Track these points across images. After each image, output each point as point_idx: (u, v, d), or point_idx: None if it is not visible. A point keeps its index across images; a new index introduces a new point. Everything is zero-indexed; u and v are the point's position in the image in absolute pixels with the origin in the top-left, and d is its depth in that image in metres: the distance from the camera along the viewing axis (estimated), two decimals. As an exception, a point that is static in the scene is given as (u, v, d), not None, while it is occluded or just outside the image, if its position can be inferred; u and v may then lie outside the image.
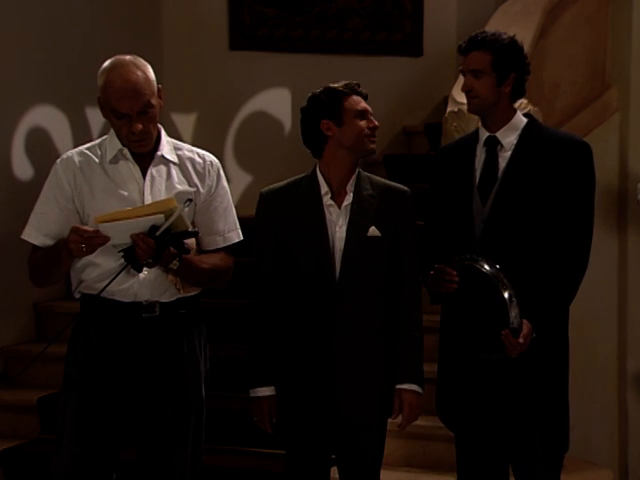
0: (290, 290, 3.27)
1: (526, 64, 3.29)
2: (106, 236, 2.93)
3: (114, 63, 3.07)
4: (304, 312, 3.26)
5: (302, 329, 3.26)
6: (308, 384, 3.25)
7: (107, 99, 3.05)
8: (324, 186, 3.28)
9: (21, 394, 4.84)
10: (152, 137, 3.10)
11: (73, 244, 2.94)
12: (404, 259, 3.29)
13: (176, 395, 3.14)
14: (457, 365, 3.29)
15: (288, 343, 3.28)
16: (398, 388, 3.26)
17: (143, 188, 3.12)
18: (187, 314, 3.18)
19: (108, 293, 3.09)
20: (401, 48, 6.45)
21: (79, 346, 3.16)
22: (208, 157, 3.24)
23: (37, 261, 3.13)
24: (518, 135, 3.26)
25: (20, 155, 5.09)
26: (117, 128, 3.09)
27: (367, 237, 3.24)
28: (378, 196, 3.28)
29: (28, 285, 4.92)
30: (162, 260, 3.00)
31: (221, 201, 3.23)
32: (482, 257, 3.14)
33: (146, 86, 3.04)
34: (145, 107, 3.03)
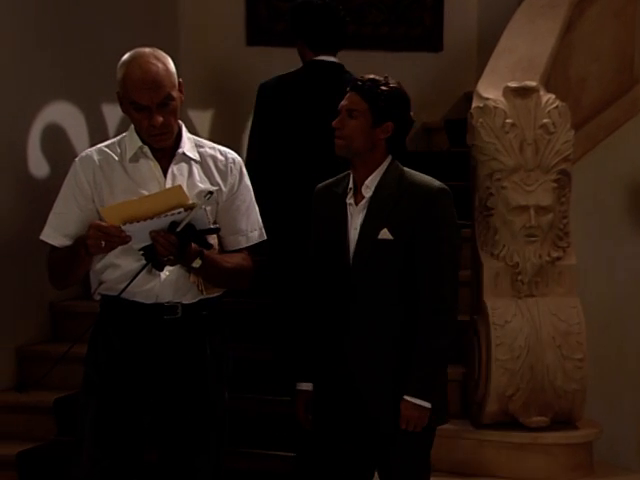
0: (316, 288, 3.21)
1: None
2: (128, 235, 2.85)
3: (133, 55, 3.00)
4: (323, 312, 3.18)
5: (320, 330, 3.18)
6: (332, 386, 3.16)
7: (126, 92, 2.97)
8: (351, 182, 3.19)
9: (37, 395, 4.75)
10: (173, 131, 3.01)
11: (92, 240, 2.87)
12: (422, 264, 3.08)
13: (198, 399, 3.06)
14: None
15: (314, 341, 3.21)
16: (403, 398, 3.11)
17: (164, 187, 3.02)
18: (209, 316, 3.10)
19: (129, 294, 3.01)
20: (420, 43, 6.38)
21: (99, 348, 3.08)
22: (230, 155, 3.15)
23: (55, 262, 3.06)
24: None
25: (36, 153, 5.03)
26: (137, 122, 3.00)
27: (377, 240, 3.10)
28: (399, 195, 3.12)
29: (44, 284, 4.88)
30: (184, 257, 2.91)
31: (243, 200, 3.14)
32: None
33: (166, 78, 2.96)
34: (166, 99, 2.95)
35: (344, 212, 3.16)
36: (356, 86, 3.14)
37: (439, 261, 3.09)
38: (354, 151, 3.14)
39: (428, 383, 3.10)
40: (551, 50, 4.46)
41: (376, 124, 3.11)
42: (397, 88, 3.15)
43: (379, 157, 3.15)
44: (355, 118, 3.12)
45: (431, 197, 3.10)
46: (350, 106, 3.14)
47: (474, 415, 4.24)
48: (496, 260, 4.19)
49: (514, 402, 4.10)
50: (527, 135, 4.14)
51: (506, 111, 4.16)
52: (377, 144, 3.13)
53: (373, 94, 3.10)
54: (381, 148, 3.14)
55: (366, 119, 3.11)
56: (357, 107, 3.12)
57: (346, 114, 3.14)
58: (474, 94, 4.39)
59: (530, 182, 4.13)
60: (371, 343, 3.10)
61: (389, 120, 3.11)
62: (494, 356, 4.09)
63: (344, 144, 3.14)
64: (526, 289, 4.16)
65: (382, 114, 3.10)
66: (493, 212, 4.20)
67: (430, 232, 3.09)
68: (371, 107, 3.10)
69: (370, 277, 3.10)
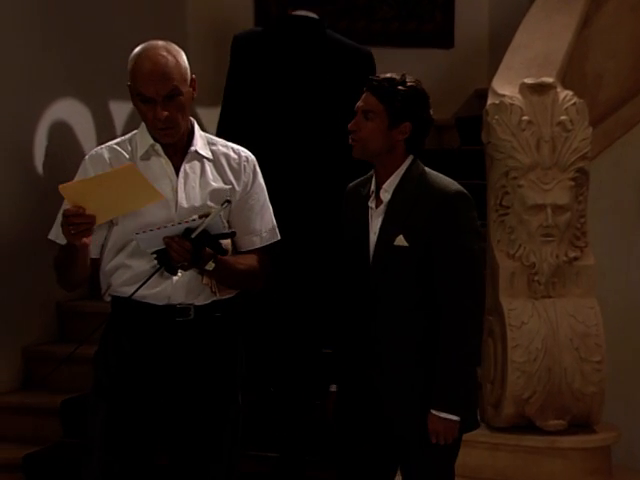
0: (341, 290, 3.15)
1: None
2: (91, 215, 2.76)
3: (144, 47, 2.94)
4: (347, 315, 3.11)
5: (345, 334, 3.11)
6: (355, 388, 3.09)
7: (134, 83, 2.90)
8: (373, 184, 3.10)
9: (44, 397, 4.73)
10: (179, 127, 2.92)
11: (63, 228, 2.79)
12: (441, 275, 2.97)
13: (211, 402, 2.99)
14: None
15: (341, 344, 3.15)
16: (430, 412, 3.01)
17: (176, 185, 2.96)
18: (223, 317, 3.02)
19: (140, 296, 2.94)
20: (431, 39, 6.34)
21: (109, 351, 3.01)
22: (244, 153, 3.07)
23: (56, 262, 2.99)
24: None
25: (42, 151, 4.98)
26: (143, 115, 2.93)
27: (393, 246, 3.00)
28: (416, 199, 3.00)
29: (51, 284, 4.82)
30: (198, 263, 2.85)
31: (257, 199, 3.06)
32: None
33: (175, 71, 2.88)
34: (172, 92, 2.87)
35: (366, 215, 3.07)
36: (372, 86, 3.04)
37: (458, 272, 2.97)
38: (371, 154, 3.05)
39: (454, 396, 2.99)
40: (568, 46, 4.38)
41: (393, 125, 3.01)
42: (414, 87, 3.04)
43: (398, 159, 3.05)
44: (371, 120, 3.02)
45: (447, 202, 2.98)
46: (366, 107, 3.04)
47: (489, 418, 4.16)
48: (512, 260, 4.11)
49: (531, 405, 4.02)
50: (544, 132, 4.06)
51: (522, 108, 4.08)
52: (395, 145, 3.03)
53: (389, 94, 3.00)
54: (400, 149, 3.04)
55: (382, 121, 3.01)
56: (373, 108, 3.02)
57: (362, 116, 3.04)
58: (489, 90, 4.31)
59: (547, 180, 4.05)
60: (394, 347, 3.01)
61: (406, 120, 3.01)
62: (510, 358, 4.01)
63: (360, 147, 3.05)
64: (543, 290, 4.07)
65: (399, 115, 3.00)
66: (509, 211, 4.12)
67: (447, 240, 2.97)
68: (387, 108, 3.00)
69: (389, 282, 3.01)
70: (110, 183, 2.79)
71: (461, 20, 6.35)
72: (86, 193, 2.78)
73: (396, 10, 6.32)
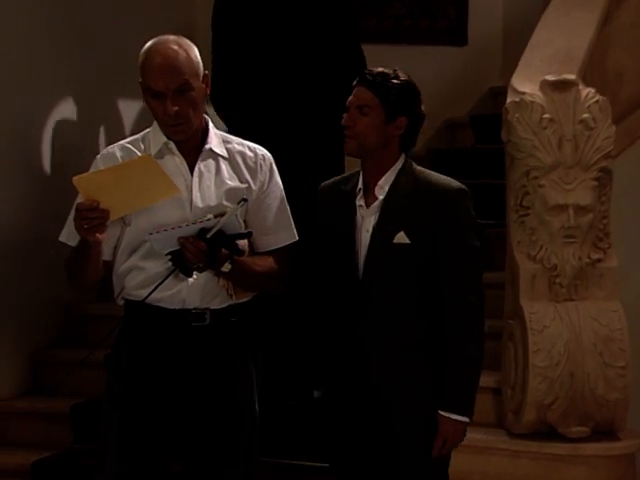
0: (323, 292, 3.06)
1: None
2: (105, 209, 2.67)
3: (155, 41, 2.85)
4: (333, 319, 3.02)
5: (331, 336, 3.03)
6: (344, 392, 3.01)
7: (144, 77, 2.81)
8: (360, 182, 3.01)
9: (53, 402, 4.64)
10: (191, 124, 2.83)
11: (76, 223, 2.69)
12: (445, 271, 2.91)
13: (227, 410, 2.89)
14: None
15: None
16: (439, 413, 2.93)
17: (191, 184, 2.87)
18: (239, 322, 2.93)
19: (154, 299, 2.84)
20: (445, 36, 6.29)
21: (122, 356, 2.92)
22: (260, 151, 2.98)
23: (69, 261, 2.89)
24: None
25: (49, 150, 4.89)
26: (154, 111, 2.84)
27: (393, 244, 2.92)
28: (416, 196, 2.94)
29: (59, 286, 4.82)
30: (213, 264, 2.75)
31: (274, 198, 2.97)
32: None
33: (186, 64, 2.79)
34: (182, 86, 2.78)
35: (354, 214, 2.98)
36: (365, 80, 2.96)
37: (463, 269, 2.92)
38: (367, 150, 2.96)
39: (465, 398, 2.94)
40: (589, 43, 4.28)
41: (389, 120, 2.94)
42: (408, 81, 2.97)
43: (392, 155, 2.99)
44: (366, 115, 2.94)
45: (450, 198, 2.93)
46: (360, 102, 2.95)
47: (509, 425, 4.06)
48: (533, 262, 4.01)
49: (553, 411, 3.91)
50: (566, 131, 3.96)
51: (544, 106, 3.98)
52: (390, 141, 2.96)
53: (384, 88, 2.93)
54: (394, 145, 2.98)
55: (378, 115, 2.94)
56: (368, 103, 2.94)
57: (356, 111, 2.96)
58: (508, 88, 4.20)
59: (569, 180, 3.95)
60: (388, 346, 2.92)
61: (402, 115, 2.94)
62: (531, 363, 3.90)
63: (356, 143, 2.96)
64: (565, 292, 3.97)
65: (395, 109, 2.93)
66: (530, 212, 4.02)
67: (451, 236, 2.92)
68: (383, 102, 2.93)
69: (384, 281, 2.92)
70: (125, 174, 2.70)
71: (475, 17, 6.29)
72: (100, 186, 2.69)
73: (408, 7, 6.25)
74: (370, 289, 2.94)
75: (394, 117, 2.94)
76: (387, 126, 2.95)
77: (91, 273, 2.86)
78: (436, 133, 6.29)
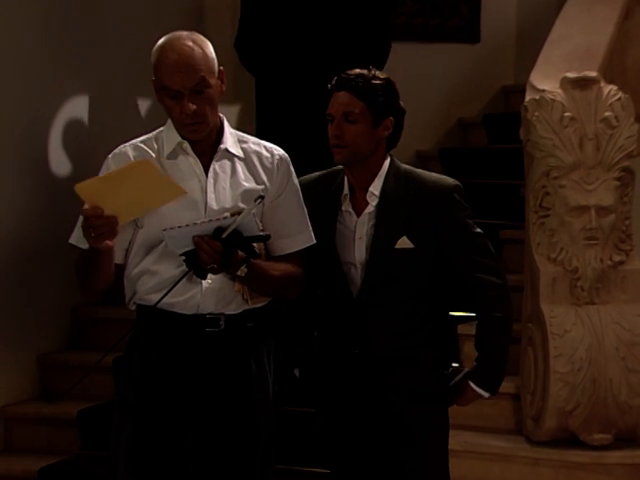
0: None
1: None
2: (111, 216, 2.57)
3: (169, 38, 2.75)
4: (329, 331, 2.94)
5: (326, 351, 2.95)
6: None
7: (159, 76, 2.72)
8: (346, 188, 2.90)
9: (60, 407, 4.54)
10: (208, 122, 2.73)
11: (84, 231, 2.60)
12: (461, 264, 2.84)
13: (243, 418, 2.80)
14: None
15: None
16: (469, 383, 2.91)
17: (205, 186, 2.77)
18: (255, 328, 2.83)
19: (167, 304, 2.74)
20: (457, 34, 6.20)
21: (134, 364, 2.82)
22: (277, 151, 2.88)
23: (78, 265, 2.79)
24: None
25: (57, 150, 4.80)
26: (169, 110, 2.74)
27: (395, 250, 2.81)
28: (411, 198, 2.84)
29: (66, 289, 4.74)
30: (229, 266, 2.65)
31: (291, 200, 2.86)
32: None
33: (202, 61, 2.70)
34: (200, 85, 2.68)
35: (335, 221, 2.88)
36: (345, 84, 2.83)
37: (477, 256, 2.85)
38: (360, 158, 2.85)
39: (496, 378, 2.91)
40: (609, 39, 4.18)
41: (377, 123, 2.83)
42: (387, 78, 2.87)
43: (380, 158, 2.88)
44: (354, 122, 2.82)
45: (449, 196, 2.84)
46: (345, 109, 2.82)
47: (529, 431, 3.97)
48: (553, 264, 3.91)
49: (574, 418, 3.82)
50: (587, 130, 3.86)
51: (564, 104, 3.88)
52: (379, 144, 2.86)
53: (367, 90, 2.81)
54: (382, 148, 2.88)
55: (366, 120, 2.82)
56: (353, 109, 2.81)
57: (342, 118, 2.82)
58: (527, 85, 4.11)
59: (591, 180, 3.86)
60: (389, 341, 2.85)
61: (389, 115, 2.84)
62: (552, 368, 3.81)
63: (347, 152, 2.84)
64: (586, 296, 3.88)
65: (381, 110, 2.82)
66: (550, 213, 3.92)
67: (459, 233, 2.84)
68: (368, 105, 2.81)
69: (385, 291, 2.83)
70: (127, 179, 2.60)
71: (488, 14, 6.21)
72: (103, 192, 2.59)
73: (420, 4, 6.16)
74: (371, 296, 2.84)
75: (381, 119, 2.83)
76: (376, 130, 2.84)
77: (102, 278, 2.77)
78: (448, 132, 6.21)
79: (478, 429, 4.08)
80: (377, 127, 2.84)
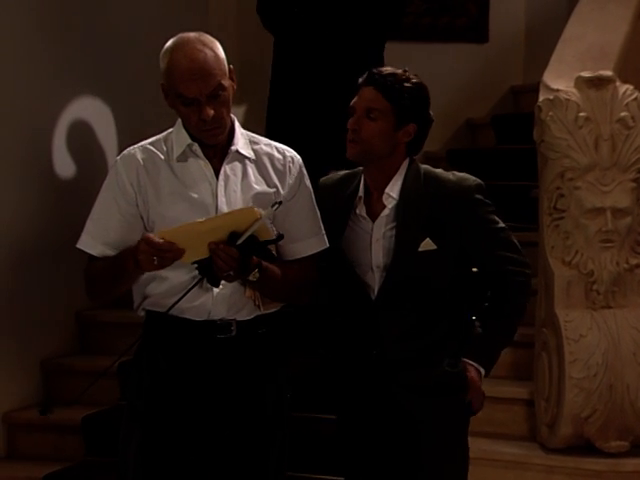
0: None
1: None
2: (181, 249, 2.51)
3: (177, 42, 2.66)
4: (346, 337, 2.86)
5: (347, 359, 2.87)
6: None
7: (172, 83, 2.63)
8: (361, 189, 2.81)
9: (64, 412, 4.43)
10: (225, 125, 2.67)
11: (143, 255, 2.51)
12: (484, 258, 2.79)
13: (255, 427, 2.72)
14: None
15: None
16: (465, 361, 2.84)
17: (216, 189, 2.69)
18: (267, 334, 2.75)
19: (178, 310, 2.67)
20: (465, 34, 6.15)
21: (143, 372, 2.74)
22: (289, 152, 2.81)
23: (96, 274, 2.71)
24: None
25: (61, 151, 4.75)
26: (185, 117, 2.67)
27: (419, 253, 2.73)
28: (431, 199, 2.75)
29: (69, 292, 4.67)
30: (244, 272, 2.58)
31: (304, 203, 2.79)
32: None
33: (216, 65, 2.63)
34: (216, 90, 2.61)
35: (344, 222, 2.80)
36: (375, 81, 2.74)
37: (502, 251, 2.79)
38: (372, 157, 2.76)
39: (492, 356, 2.85)
40: (624, 38, 4.10)
41: (399, 127, 2.74)
42: (420, 84, 2.76)
43: (397, 161, 2.79)
44: (375, 120, 2.73)
45: (471, 196, 2.76)
46: (369, 104, 2.74)
47: (544, 438, 3.89)
48: (568, 268, 3.83)
49: (590, 425, 3.74)
50: (603, 130, 3.78)
51: (579, 104, 3.81)
52: (397, 148, 2.77)
53: (397, 92, 2.72)
54: (400, 152, 2.78)
55: (388, 121, 2.73)
56: (378, 106, 2.73)
57: (363, 114, 2.74)
58: (540, 85, 4.03)
59: (606, 182, 3.78)
60: (404, 346, 2.78)
61: (412, 121, 2.74)
62: (568, 374, 3.73)
63: (360, 149, 2.76)
64: (602, 300, 3.80)
65: (406, 115, 2.73)
66: (564, 215, 3.85)
67: (482, 230, 2.77)
68: (395, 107, 2.72)
69: (404, 295, 2.75)
70: (215, 226, 2.54)
71: (496, 13, 6.17)
72: (187, 237, 2.54)
73: (428, 4, 6.10)
74: (387, 300, 2.76)
75: (404, 124, 2.75)
76: (395, 133, 2.75)
77: (122, 289, 2.71)
78: (456, 133, 6.15)
79: (491, 435, 4.00)
80: (398, 131, 2.75)
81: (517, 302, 2.84)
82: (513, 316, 2.84)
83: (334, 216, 2.81)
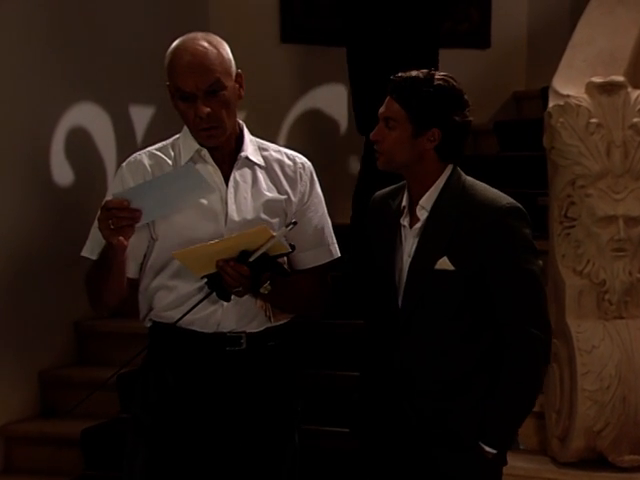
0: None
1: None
2: (137, 209, 2.42)
3: (182, 39, 2.61)
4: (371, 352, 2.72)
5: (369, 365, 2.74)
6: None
7: (172, 78, 2.57)
8: (404, 199, 2.68)
9: (62, 425, 4.39)
10: (224, 127, 2.58)
11: (100, 223, 2.44)
12: (501, 300, 2.57)
13: (265, 442, 2.64)
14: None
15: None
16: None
17: (226, 196, 2.61)
18: (277, 347, 2.67)
19: (185, 322, 2.59)
20: (467, 39, 6.07)
21: (150, 385, 2.66)
22: (299, 159, 2.73)
23: (89, 275, 2.62)
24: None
25: (59, 158, 4.66)
26: (183, 114, 2.59)
27: (434, 271, 2.58)
28: (462, 216, 2.58)
29: (68, 302, 4.59)
30: (255, 288, 2.51)
31: (315, 211, 2.71)
32: None
33: (217, 62, 2.55)
34: (214, 86, 2.54)
35: (396, 234, 2.66)
36: (392, 88, 2.65)
37: (521, 296, 2.57)
38: (398, 166, 2.65)
39: (506, 433, 2.64)
40: (635, 42, 4.03)
41: (418, 133, 2.61)
42: (442, 86, 2.60)
43: (432, 169, 2.64)
44: (392, 129, 2.63)
45: (500, 219, 2.55)
46: (386, 114, 2.64)
47: (555, 452, 3.80)
48: (579, 277, 3.74)
49: (603, 438, 3.66)
50: (615, 136, 3.70)
51: (590, 110, 3.73)
52: (425, 155, 2.62)
53: (411, 99, 2.60)
54: (431, 158, 2.63)
55: (405, 129, 2.61)
56: (394, 115, 2.62)
57: (383, 124, 2.65)
58: (550, 91, 3.94)
59: (619, 189, 3.70)
60: (429, 378, 2.62)
61: (434, 126, 2.60)
62: (580, 386, 3.65)
63: (384, 160, 2.65)
64: (614, 310, 3.71)
65: (424, 121, 2.60)
66: (575, 223, 3.76)
67: (504, 262, 2.56)
68: (410, 115, 2.60)
69: (424, 314, 2.61)
70: (231, 246, 2.47)
71: (498, 19, 6.09)
72: (205, 258, 2.48)
73: (430, 9, 5.99)
74: (410, 319, 2.62)
75: (424, 130, 2.61)
76: (416, 140, 2.61)
77: (113, 289, 2.59)
78: (458, 139, 6.06)
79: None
80: (418, 137, 2.62)
81: (531, 371, 2.59)
82: (527, 384, 2.59)
83: (385, 226, 2.70)
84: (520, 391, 2.60)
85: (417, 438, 2.64)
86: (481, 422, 2.60)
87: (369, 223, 2.77)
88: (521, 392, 2.60)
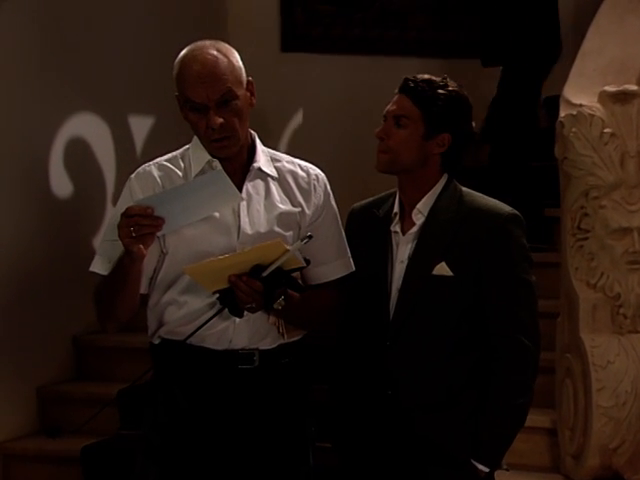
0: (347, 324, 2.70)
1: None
2: (160, 217, 2.35)
3: (190, 48, 2.53)
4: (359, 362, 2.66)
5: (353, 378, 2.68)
6: None
7: (181, 88, 2.49)
8: (396, 206, 2.65)
9: (62, 443, 4.30)
10: (237, 138, 2.50)
11: (121, 230, 2.35)
12: (494, 308, 2.55)
13: (279, 464, 2.55)
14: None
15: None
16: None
17: (238, 209, 2.52)
18: (290, 364, 2.58)
19: (196, 339, 2.50)
20: (469, 49, 5.93)
21: (159, 405, 2.56)
22: (313, 170, 2.65)
23: (100, 290, 2.53)
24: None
25: (58, 168, 4.57)
26: (194, 126, 2.51)
27: (432, 277, 2.55)
28: (460, 222, 2.57)
29: (66, 316, 4.49)
30: (269, 305, 2.43)
31: (330, 224, 2.63)
32: None
33: (228, 71, 2.47)
34: (226, 96, 2.46)
35: (387, 242, 2.62)
36: (407, 87, 2.60)
37: (514, 306, 2.55)
38: (400, 168, 2.61)
39: (498, 451, 2.62)
40: (646, 51, 3.96)
41: (429, 136, 2.58)
42: (457, 92, 2.60)
43: (432, 175, 2.62)
44: (404, 127, 2.59)
45: (500, 226, 2.55)
46: (398, 112, 2.60)
47: (568, 470, 3.72)
48: (593, 290, 3.68)
49: (619, 456, 3.58)
50: (629, 146, 3.64)
51: (604, 119, 3.66)
52: (430, 160, 2.60)
53: (428, 98, 2.58)
54: (434, 165, 2.61)
55: (417, 129, 2.59)
56: (407, 113, 2.59)
57: (393, 122, 2.61)
58: (561, 100, 3.87)
59: (633, 200, 3.64)
60: (419, 387, 2.57)
61: (445, 131, 2.58)
62: (595, 402, 3.57)
63: (388, 159, 2.61)
64: (629, 324, 3.64)
65: (438, 124, 2.58)
66: (589, 235, 3.69)
67: (501, 270, 2.55)
68: (425, 115, 2.58)
69: (418, 320, 2.56)
70: (244, 260, 2.40)
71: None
72: (217, 272, 2.40)
73: (431, 18, 5.94)
74: (401, 329, 2.57)
75: (435, 133, 2.58)
76: (426, 142, 2.59)
77: (128, 301, 2.50)
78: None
79: (510, 466, 3.81)
80: (428, 140, 2.59)
81: (522, 382, 2.57)
82: (518, 396, 2.57)
83: (371, 233, 2.65)
84: (512, 403, 2.56)
85: (405, 455, 2.59)
86: (473, 439, 2.56)
87: (349, 232, 2.69)
88: (513, 404, 2.57)
